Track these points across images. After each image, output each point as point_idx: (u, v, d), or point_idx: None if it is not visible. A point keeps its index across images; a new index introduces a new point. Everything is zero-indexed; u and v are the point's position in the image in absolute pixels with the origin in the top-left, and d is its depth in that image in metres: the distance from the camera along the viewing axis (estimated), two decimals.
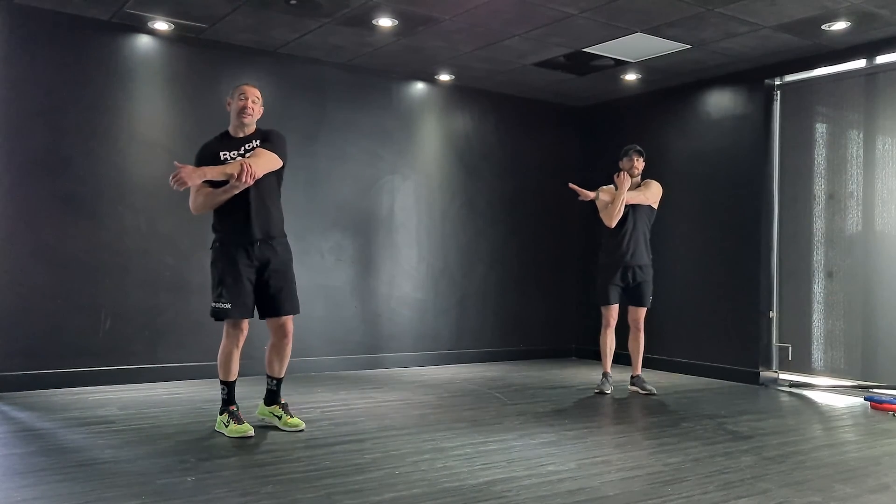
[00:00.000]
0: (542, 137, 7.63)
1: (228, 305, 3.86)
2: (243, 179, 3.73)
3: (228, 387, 4.00)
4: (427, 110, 6.96)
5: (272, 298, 3.99)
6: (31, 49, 5.20)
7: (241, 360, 4.05)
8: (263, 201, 3.94)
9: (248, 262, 3.91)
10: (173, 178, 3.62)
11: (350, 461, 3.47)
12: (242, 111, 3.93)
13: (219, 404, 4.09)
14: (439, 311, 6.97)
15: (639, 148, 5.57)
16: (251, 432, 3.92)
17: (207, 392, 5.15)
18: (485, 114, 7.27)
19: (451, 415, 4.62)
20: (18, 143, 5.15)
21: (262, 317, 4.08)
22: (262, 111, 4.04)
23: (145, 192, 5.60)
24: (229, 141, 3.98)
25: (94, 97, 5.42)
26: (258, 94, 4.02)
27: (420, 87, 6.90)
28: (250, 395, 4.65)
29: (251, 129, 4.00)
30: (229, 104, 4.01)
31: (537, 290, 7.56)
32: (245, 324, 3.97)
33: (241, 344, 3.98)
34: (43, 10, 5.21)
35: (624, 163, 5.56)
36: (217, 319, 3.94)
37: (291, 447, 3.73)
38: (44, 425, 4.11)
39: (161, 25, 5.49)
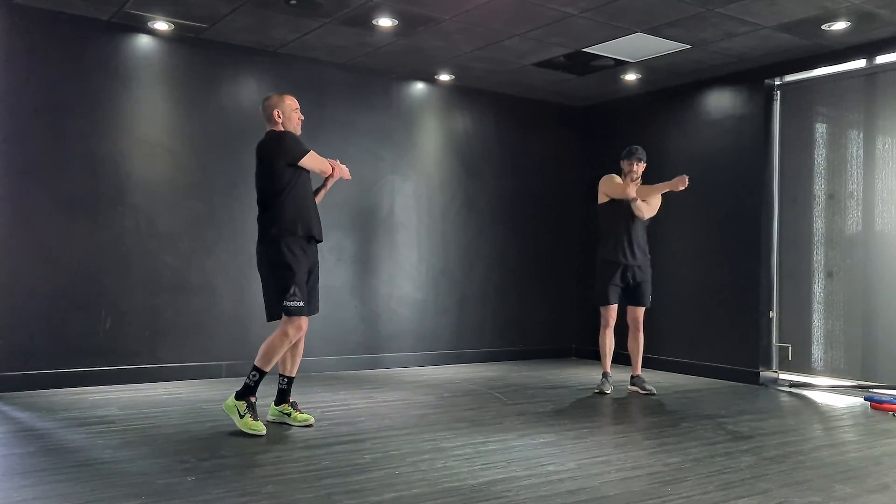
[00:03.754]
0: (542, 137, 7.63)
1: (302, 304, 4.02)
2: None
3: (261, 375, 4.04)
4: (427, 110, 6.96)
5: (311, 299, 4.21)
6: (31, 49, 5.20)
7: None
8: (316, 204, 4.28)
9: (307, 264, 4.14)
10: (339, 171, 4.32)
11: (350, 461, 3.47)
12: (300, 122, 4.24)
13: (221, 403, 4.09)
14: (439, 311, 6.97)
15: (640, 155, 5.50)
16: (263, 431, 3.93)
17: (207, 392, 5.15)
18: (485, 114, 7.27)
19: (451, 415, 4.62)
20: (18, 144, 5.15)
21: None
22: None
23: (145, 192, 5.60)
24: None
25: (94, 97, 5.42)
26: None
27: (420, 87, 6.90)
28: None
29: None
30: (278, 117, 4.17)
31: (537, 290, 7.56)
32: (306, 322, 4.09)
33: (294, 341, 4.08)
34: (43, 10, 5.21)
35: (624, 164, 5.55)
36: (287, 315, 4.00)
37: (291, 447, 3.73)
38: (44, 425, 4.11)
39: (161, 25, 5.49)
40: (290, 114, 4.17)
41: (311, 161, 4.13)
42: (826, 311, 5.94)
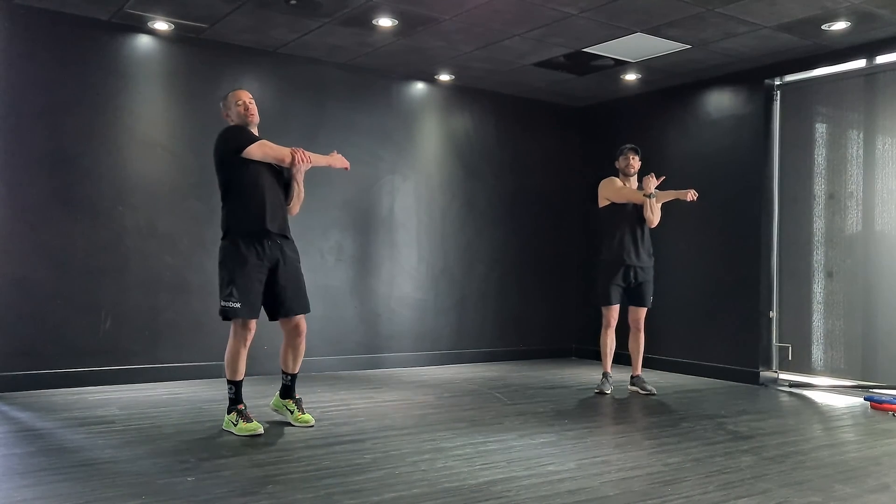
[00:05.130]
0: (542, 137, 7.63)
1: (238, 305, 3.89)
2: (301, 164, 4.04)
3: (236, 386, 4.02)
4: (427, 110, 6.96)
5: (284, 299, 4.06)
6: (31, 49, 5.20)
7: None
8: (277, 197, 4.06)
9: (259, 263, 3.95)
10: (301, 156, 4.00)
11: (350, 461, 3.47)
12: (248, 113, 4.05)
13: (221, 403, 4.09)
14: (439, 311, 6.97)
15: (634, 146, 5.57)
16: (260, 430, 3.93)
17: (207, 392, 5.15)
18: (485, 114, 7.27)
19: (451, 415, 4.62)
20: (18, 143, 5.15)
21: (273, 318, 4.13)
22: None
23: (145, 192, 5.60)
24: None
25: (94, 97, 5.42)
26: (250, 95, 4.14)
27: (420, 87, 6.90)
28: (254, 395, 4.63)
29: (256, 131, 4.11)
30: (227, 115, 4.11)
31: (537, 290, 7.56)
32: (253, 323, 4.00)
33: (248, 343, 4.01)
34: (43, 10, 5.21)
35: (620, 161, 5.56)
36: (226, 319, 3.96)
37: (291, 447, 3.73)
38: (44, 425, 4.11)
39: (161, 25, 5.49)
40: (233, 109, 4.05)
41: (259, 150, 3.94)
42: (826, 311, 5.94)
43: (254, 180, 3.96)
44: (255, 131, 4.09)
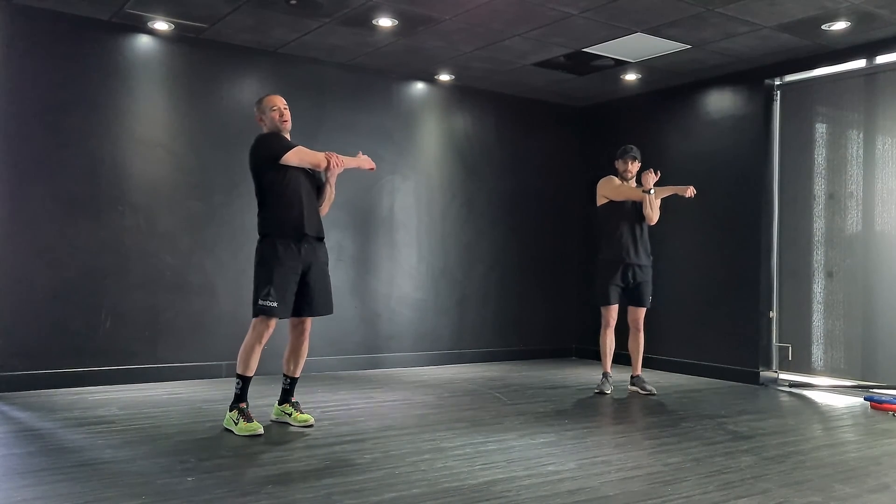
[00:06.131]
0: (542, 137, 7.63)
1: (276, 304, 3.95)
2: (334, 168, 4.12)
3: (244, 382, 4.04)
4: (427, 110, 6.96)
5: (312, 299, 4.13)
6: (31, 49, 5.20)
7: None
8: (312, 201, 4.15)
9: (295, 264, 4.02)
10: (336, 161, 4.07)
11: (350, 461, 3.47)
12: (282, 119, 4.12)
13: (221, 403, 4.09)
14: (439, 311, 6.97)
15: (634, 154, 5.54)
16: (260, 430, 3.94)
17: (207, 392, 5.15)
18: (485, 114, 7.27)
19: (451, 415, 4.62)
20: (18, 144, 5.15)
21: (295, 315, 4.17)
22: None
23: (145, 192, 5.60)
24: None
25: (94, 97, 5.42)
26: (284, 101, 4.21)
27: (420, 87, 6.90)
28: (254, 395, 4.62)
29: (288, 136, 4.19)
30: (261, 120, 4.17)
31: (537, 290, 7.56)
32: (274, 322, 4.03)
33: (265, 341, 4.04)
34: (43, 10, 5.21)
35: (618, 164, 5.55)
36: (257, 316, 3.98)
37: (291, 447, 3.74)
38: (44, 425, 4.11)
39: (161, 25, 5.49)
40: (268, 114, 4.13)
41: (296, 157, 4.03)
42: (826, 311, 5.94)
43: (291, 186, 4.04)
44: (287, 136, 4.15)
